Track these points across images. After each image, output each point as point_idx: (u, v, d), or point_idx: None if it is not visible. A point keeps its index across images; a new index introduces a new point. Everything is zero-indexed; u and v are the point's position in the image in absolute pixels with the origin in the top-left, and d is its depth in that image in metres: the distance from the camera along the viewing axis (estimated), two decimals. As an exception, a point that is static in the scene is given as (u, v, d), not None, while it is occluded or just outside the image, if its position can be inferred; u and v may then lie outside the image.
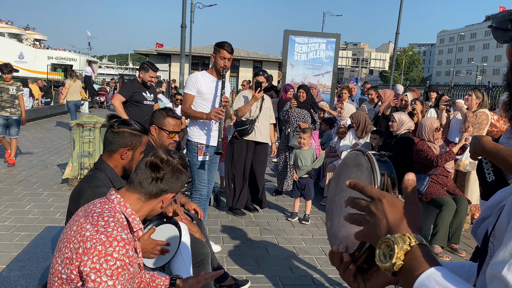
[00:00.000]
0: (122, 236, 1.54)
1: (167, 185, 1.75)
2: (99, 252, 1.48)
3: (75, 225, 1.60)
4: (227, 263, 4.05)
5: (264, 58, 31.92)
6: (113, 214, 1.62)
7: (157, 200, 1.76)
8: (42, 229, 3.35)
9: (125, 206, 1.68)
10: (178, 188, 1.81)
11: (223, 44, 4.14)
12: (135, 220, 1.69)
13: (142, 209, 1.73)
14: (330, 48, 13.64)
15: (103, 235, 1.51)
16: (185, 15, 16.38)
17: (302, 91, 6.53)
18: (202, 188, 4.23)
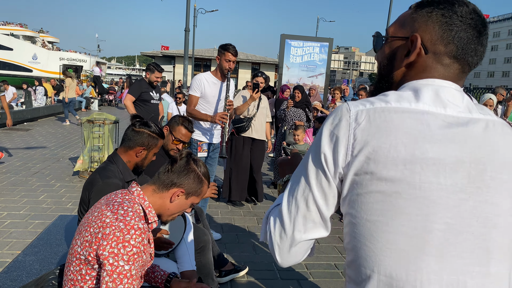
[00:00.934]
0: (139, 225, 1.55)
1: (177, 178, 1.74)
2: (117, 238, 1.49)
3: (97, 211, 1.61)
4: (227, 250, 4.06)
5: (262, 60, 31.85)
6: (132, 205, 1.63)
7: (167, 194, 1.74)
8: (55, 218, 3.35)
9: (143, 198, 1.69)
10: (189, 188, 1.77)
11: (228, 47, 4.02)
12: (151, 212, 1.69)
13: (156, 201, 1.74)
14: (324, 51, 13.63)
15: (121, 223, 1.53)
16: (189, 19, 16.33)
17: (297, 92, 6.54)
18: None
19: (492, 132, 0.85)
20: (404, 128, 0.82)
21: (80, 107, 18.49)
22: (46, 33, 57.22)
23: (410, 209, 0.80)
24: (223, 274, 3.41)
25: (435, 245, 0.80)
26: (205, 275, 2.91)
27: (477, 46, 0.89)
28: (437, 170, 0.80)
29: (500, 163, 0.83)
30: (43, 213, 4.80)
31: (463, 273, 0.80)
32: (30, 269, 2.45)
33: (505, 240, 0.82)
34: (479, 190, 0.81)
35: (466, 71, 0.92)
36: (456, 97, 0.88)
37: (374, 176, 0.81)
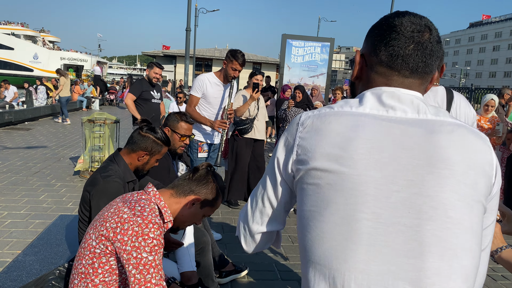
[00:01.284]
0: (156, 220, 1.60)
1: (196, 186, 1.80)
2: (136, 232, 1.54)
3: (113, 207, 1.65)
4: (228, 251, 4.06)
5: (263, 60, 31.84)
6: (148, 203, 1.67)
7: (184, 200, 1.78)
8: (55, 217, 3.35)
9: (159, 199, 1.73)
10: (207, 197, 1.82)
11: (237, 55, 3.93)
12: (167, 212, 1.72)
13: (172, 205, 1.77)
14: (325, 51, 13.62)
15: (139, 218, 1.57)
16: (190, 19, 16.34)
17: (298, 92, 6.54)
18: None
19: (437, 132, 0.87)
20: (339, 127, 0.90)
21: (81, 106, 18.51)
22: (47, 32, 57.27)
23: (339, 199, 0.85)
24: (223, 275, 3.40)
25: (363, 234, 0.83)
26: (205, 276, 2.91)
27: (411, 52, 0.94)
28: (367, 163, 0.85)
29: (440, 160, 0.84)
30: (43, 213, 4.80)
31: (395, 264, 0.81)
32: (30, 269, 2.44)
33: (447, 235, 0.81)
34: (412, 183, 0.83)
35: (409, 76, 0.96)
36: (403, 100, 0.93)
37: (311, 170, 0.90)
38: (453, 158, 0.85)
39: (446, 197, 0.82)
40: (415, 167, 0.84)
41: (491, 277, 3.89)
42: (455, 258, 0.81)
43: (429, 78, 0.99)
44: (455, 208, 0.82)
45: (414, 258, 0.80)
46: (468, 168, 0.85)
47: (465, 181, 0.84)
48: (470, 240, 0.83)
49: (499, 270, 4.06)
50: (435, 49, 0.95)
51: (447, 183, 0.83)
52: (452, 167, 0.84)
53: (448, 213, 0.82)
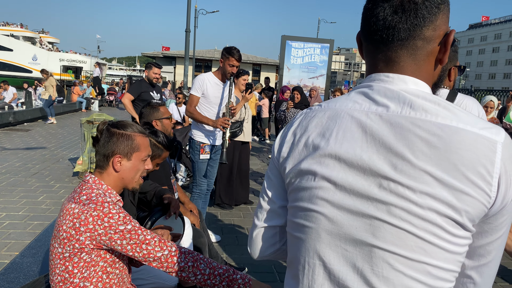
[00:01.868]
0: (107, 200, 1.58)
1: (105, 149, 1.72)
2: (97, 216, 1.51)
3: (62, 211, 1.61)
4: (226, 252, 4.05)
5: (262, 61, 31.84)
6: (91, 190, 1.64)
7: (110, 168, 1.72)
8: (54, 219, 3.34)
9: (100, 183, 1.69)
10: (123, 150, 1.72)
11: (233, 51, 3.97)
12: (111, 194, 1.69)
13: (109, 179, 1.73)
14: (324, 52, 13.62)
15: (91, 203, 1.54)
16: (190, 20, 16.35)
17: (296, 93, 6.54)
18: (202, 183, 4.22)
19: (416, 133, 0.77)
20: (320, 122, 0.90)
21: (80, 107, 18.50)
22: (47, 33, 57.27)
23: (304, 196, 0.89)
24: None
25: (321, 233, 0.86)
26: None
27: (388, 17, 0.84)
28: (334, 162, 0.84)
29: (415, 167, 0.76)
30: (42, 214, 4.79)
31: (347, 265, 0.83)
32: (27, 271, 2.44)
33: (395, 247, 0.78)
34: (372, 189, 0.79)
35: (391, 50, 0.85)
36: (387, 94, 0.84)
37: (289, 171, 0.93)
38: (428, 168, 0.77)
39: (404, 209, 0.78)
40: (381, 174, 0.79)
41: (491, 279, 3.88)
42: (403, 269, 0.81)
43: (417, 45, 0.84)
44: (411, 221, 0.77)
45: (363, 263, 0.84)
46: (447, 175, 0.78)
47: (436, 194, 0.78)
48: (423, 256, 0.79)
49: (497, 272, 4.06)
50: (415, 8, 0.82)
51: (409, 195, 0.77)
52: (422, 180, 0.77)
53: (403, 225, 0.78)
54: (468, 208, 0.75)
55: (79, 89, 19.37)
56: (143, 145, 1.79)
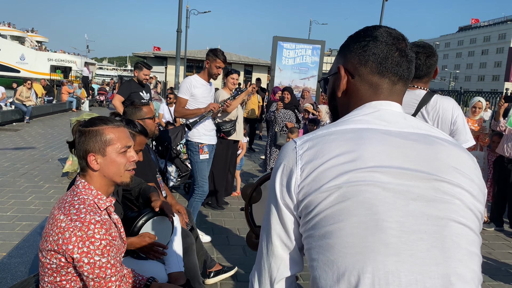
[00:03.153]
0: (96, 218, 1.53)
1: (79, 151, 1.67)
2: (80, 237, 1.47)
3: (51, 218, 1.58)
4: (216, 252, 4.05)
5: (254, 62, 31.86)
6: (83, 201, 1.60)
7: (89, 170, 1.67)
8: (43, 219, 3.31)
9: (89, 188, 1.66)
10: (94, 147, 1.66)
11: (218, 53, 4.05)
12: (101, 200, 1.66)
13: (96, 181, 1.68)
14: (316, 54, 13.67)
15: (78, 221, 1.49)
16: (181, 20, 16.29)
17: (286, 93, 6.55)
18: (204, 184, 4.22)
19: (435, 143, 0.93)
20: (344, 143, 0.89)
21: (70, 107, 18.36)
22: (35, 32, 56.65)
23: (359, 211, 0.83)
24: (211, 275, 3.40)
25: (390, 244, 0.81)
26: (191, 277, 2.89)
27: (398, 58, 1.01)
28: (380, 175, 0.85)
29: (444, 171, 0.88)
30: (30, 215, 4.74)
31: (421, 272, 0.80)
32: (15, 272, 2.41)
33: (462, 240, 0.84)
34: (426, 191, 0.85)
35: (397, 83, 1.02)
36: (396, 116, 0.98)
37: (322, 188, 0.86)
38: (455, 169, 0.89)
39: (456, 205, 0.86)
40: (425, 178, 0.86)
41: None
42: (470, 263, 0.84)
43: (407, 85, 1.05)
44: (464, 216, 0.86)
45: (437, 265, 0.81)
46: (470, 179, 0.90)
47: (469, 189, 0.88)
48: (477, 245, 0.87)
49: (486, 272, 4.10)
50: (412, 57, 1.03)
51: (455, 191, 0.87)
52: (457, 178, 0.88)
53: (460, 220, 0.85)
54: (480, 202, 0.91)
55: (68, 88, 19.20)
56: (115, 137, 1.70)
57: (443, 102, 2.33)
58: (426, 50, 2.33)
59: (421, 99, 2.32)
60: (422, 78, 2.35)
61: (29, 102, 13.38)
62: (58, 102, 18.05)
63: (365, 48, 1.01)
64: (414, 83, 2.35)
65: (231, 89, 5.07)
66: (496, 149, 5.43)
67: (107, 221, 1.59)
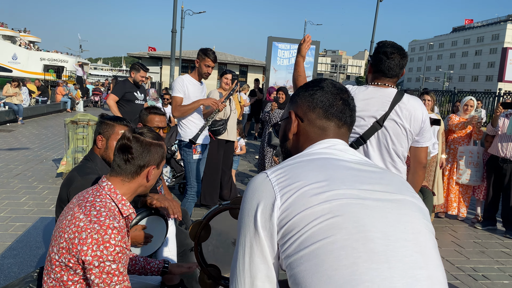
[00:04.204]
0: (115, 224, 1.52)
1: (142, 160, 1.68)
2: (96, 240, 1.46)
3: (69, 214, 1.56)
4: (211, 252, 4.04)
5: (249, 62, 31.85)
6: (104, 204, 1.59)
7: (140, 178, 1.71)
8: (36, 220, 3.30)
9: (115, 192, 1.65)
10: (157, 160, 1.72)
11: (208, 52, 4.07)
12: (124, 206, 1.65)
13: (130, 188, 1.70)
14: (310, 54, 13.69)
15: (96, 224, 1.49)
16: (176, 21, 16.28)
17: (281, 93, 6.55)
18: (197, 184, 4.22)
19: (382, 170, 1.07)
20: (317, 168, 0.99)
21: (65, 107, 18.28)
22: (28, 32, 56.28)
23: (347, 224, 0.88)
24: (207, 277, 3.39)
25: (380, 252, 0.85)
26: (188, 278, 2.89)
27: (341, 106, 1.16)
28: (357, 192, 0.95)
29: (399, 188, 1.02)
30: (24, 215, 4.72)
31: (411, 276, 0.85)
32: (8, 272, 2.40)
33: (433, 245, 0.95)
34: (393, 204, 0.96)
35: (342, 127, 1.16)
36: (347, 150, 1.11)
37: (306, 208, 0.90)
38: (405, 188, 1.04)
39: (420, 214, 0.98)
40: (391, 194, 0.98)
41: (472, 277, 3.95)
42: (441, 265, 0.93)
43: (350, 131, 1.20)
44: (426, 223, 0.98)
45: (421, 269, 0.87)
46: (413, 194, 1.04)
47: (419, 202, 1.03)
48: (437, 252, 0.96)
49: (479, 270, 4.13)
50: (354, 106, 1.20)
51: (414, 204, 1.00)
52: (410, 194, 1.03)
53: (427, 227, 0.97)
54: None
55: (63, 89, 19.13)
56: (164, 153, 1.79)
57: (414, 102, 2.45)
58: (400, 52, 2.41)
59: (393, 97, 2.40)
60: (393, 77, 2.45)
61: (17, 100, 13.21)
62: (52, 103, 17.96)
63: (313, 96, 1.17)
64: (385, 82, 2.45)
65: (225, 89, 5.07)
66: (489, 149, 5.46)
67: (124, 229, 1.58)
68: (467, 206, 5.85)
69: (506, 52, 14.23)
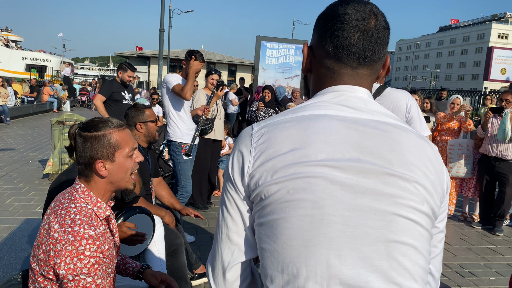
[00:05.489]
0: (90, 233, 1.45)
1: (83, 158, 1.57)
2: (70, 252, 1.40)
3: (47, 222, 1.51)
4: (201, 253, 4.02)
5: (238, 62, 31.82)
6: (80, 209, 1.52)
7: (95, 176, 1.59)
8: (22, 222, 3.24)
9: (89, 195, 1.58)
10: (102, 153, 1.57)
11: (195, 54, 4.05)
12: (100, 208, 1.58)
13: (98, 188, 1.61)
14: (299, 53, 13.72)
15: (70, 235, 1.42)
16: (164, 20, 16.18)
17: (267, 92, 6.55)
18: (188, 184, 4.19)
19: (393, 132, 0.87)
20: (298, 132, 0.86)
21: (51, 108, 18.05)
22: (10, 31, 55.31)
23: (305, 203, 0.81)
24: (196, 277, 3.38)
25: (334, 238, 0.80)
26: (178, 278, 2.88)
27: (357, 41, 0.90)
28: (329, 169, 0.82)
29: (398, 161, 0.84)
30: (10, 217, 4.64)
31: (364, 266, 0.80)
32: (-8, 276, 2.35)
33: (408, 236, 0.83)
34: (376, 185, 0.82)
35: (358, 67, 0.93)
36: (357, 102, 0.92)
37: (273, 178, 0.84)
38: (410, 161, 0.85)
39: (406, 200, 0.83)
40: (377, 171, 0.83)
41: (459, 274, 3.99)
42: (417, 258, 0.83)
43: (379, 66, 0.96)
44: (413, 212, 0.83)
45: (380, 260, 0.80)
46: (425, 172, 0.86)
47: (423, 183, 0.85)
48: (425, 241, 0.86)
49: (466, 267, 4.18)
50: (382, 35, 0.92)
51: (406, 185, 0.83)
52: (412, 172, 0.84)
53: (409, 216, 0.83)
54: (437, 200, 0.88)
55: (50, 89, 18.89)
56: (123, 140, 1.62)
57: (397, 93, 2.44)
58: None
59: (375, 91, 2.40)
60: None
61: (1, 101, 13.00)
62: (38, 103, 17.73)
63: (325, 29, 0.93)
64: None
65: (210, 89, 5.06)
66: (480, 148, 5.52)
67: (102, 235, 1.52)
68: (454, 203, 5.92)
69: (491, 51, 14.43)
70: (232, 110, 11.24)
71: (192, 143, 4.08)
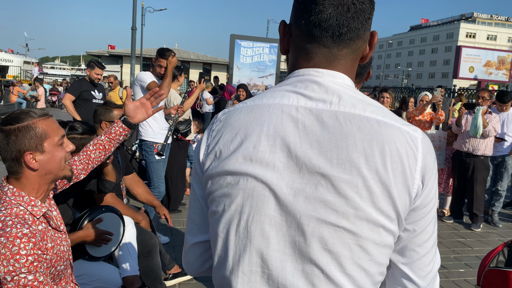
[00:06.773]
0: (24, 231, 1.39)
1: (9, 153, 1.50)
2: (4, 255, 1.34)
3: None
4: (175, 253, 3.99)
5: (213, 60, 31.68)
6: (9, 211, 1.45)
7: (25, 170, 1.52)
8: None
9: (20, 195, 1.50)
10: (30, 144, 1.49)
11: (163, 52, 4.06)
12: (35, 206, 1.51)
13: (31, 184, 1.53)
14: (273, 52, 13.78)
15: (2, 237, 1.36)
16: (136, 18, 15.96)
17: (241, 90, 6.57)
18: (161, 185, 4.13)
19: (349, 124, 0.78)
20: (246, 121, 0.83)
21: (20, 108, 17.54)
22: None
23: (228, 201, 0.82)
24: (170, 277, 3.34)
25: (254, 243, 0.80)
26: (152, 279, 2.84)
27: (333, 16, 0.80)
28: (259, 168, 0.79)
29: (340, 160, 0.76)
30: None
31: (283, 269, 0.78)
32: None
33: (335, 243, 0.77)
34: (305, 187, 0.77)
35: (331, 46, 0.83)
36: (314, 89, 0.82)
37: (211, 171, 0.85)
38: (357, 161, 0.76)
39: (338, 205, 0.76)
40: (311, 171, 0.77)
41: (430, 267, 4.09)
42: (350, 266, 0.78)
43: (360, 45, 0.85)
44: (346, 217, 0.76)
45: (303, 264, 0.79)
46: (375, 173, 0.76)
47: (370, 185, 0.75)
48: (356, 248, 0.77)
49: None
50: (361, 9, 0.81)
51: (342, 188, 0.76)
52: (352, 172, 0.76)
53: (339, 222, 0.76)
54: (396, 201, 0.77)
55: (21, 89, 18.32)
56: (50, 129, 1.55)
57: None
58: None
59: None
60: (356, 77, 2.43)
61: None
62: (6, 104, 17.19)
63: (299, 4, 0.84)
64: None
65: (175, 89, 4.97)
66: (454, 144, 5.67)
67: (39, 232, 1.46)
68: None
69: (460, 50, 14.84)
70: (207, 109, 11.18)
71: (164, 143, 4.02)
